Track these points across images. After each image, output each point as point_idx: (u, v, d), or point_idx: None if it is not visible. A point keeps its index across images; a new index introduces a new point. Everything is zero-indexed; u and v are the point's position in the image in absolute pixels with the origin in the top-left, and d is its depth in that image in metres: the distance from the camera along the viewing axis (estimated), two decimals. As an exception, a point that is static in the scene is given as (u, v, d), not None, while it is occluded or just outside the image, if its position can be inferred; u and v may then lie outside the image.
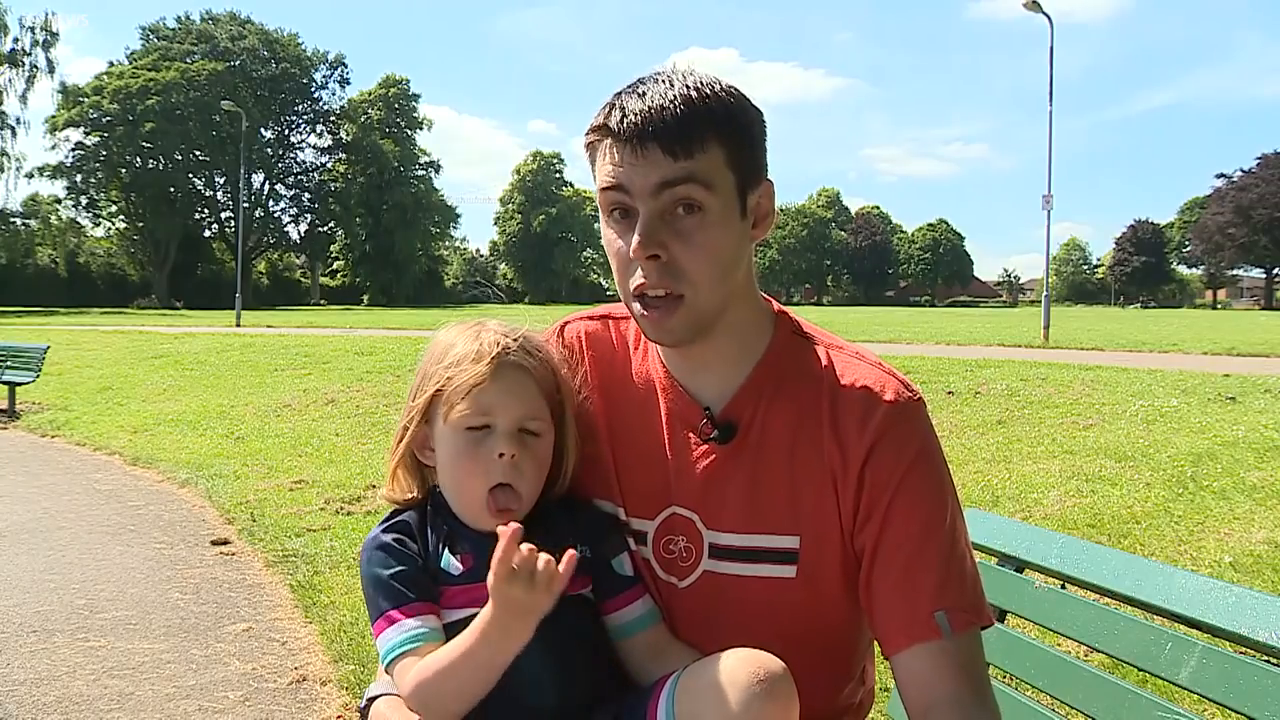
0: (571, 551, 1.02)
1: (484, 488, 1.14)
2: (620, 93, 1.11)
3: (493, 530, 1.09)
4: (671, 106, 1.06)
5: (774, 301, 1.25)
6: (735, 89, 1.12)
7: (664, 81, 1.09)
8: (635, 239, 1.07)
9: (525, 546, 1.00)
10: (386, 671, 1.12)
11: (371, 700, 1.17)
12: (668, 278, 1.09)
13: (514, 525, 1.01)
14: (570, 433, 1.21)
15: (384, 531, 1.18)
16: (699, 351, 1.18)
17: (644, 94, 1.08)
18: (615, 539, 1.22)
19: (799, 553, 1.15)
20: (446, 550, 1.15)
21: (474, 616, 1.07)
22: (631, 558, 1.22)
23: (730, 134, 1.09)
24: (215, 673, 3.38)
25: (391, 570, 1.13)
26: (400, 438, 1.22)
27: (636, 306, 1.12)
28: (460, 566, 1.14)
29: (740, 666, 0.99)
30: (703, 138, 1.06)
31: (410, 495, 1.23)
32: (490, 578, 1.01)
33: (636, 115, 1.06)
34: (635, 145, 1.06)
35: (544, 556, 1.00)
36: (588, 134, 1.14)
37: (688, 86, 1.08)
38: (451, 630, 1.10)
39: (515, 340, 1.19)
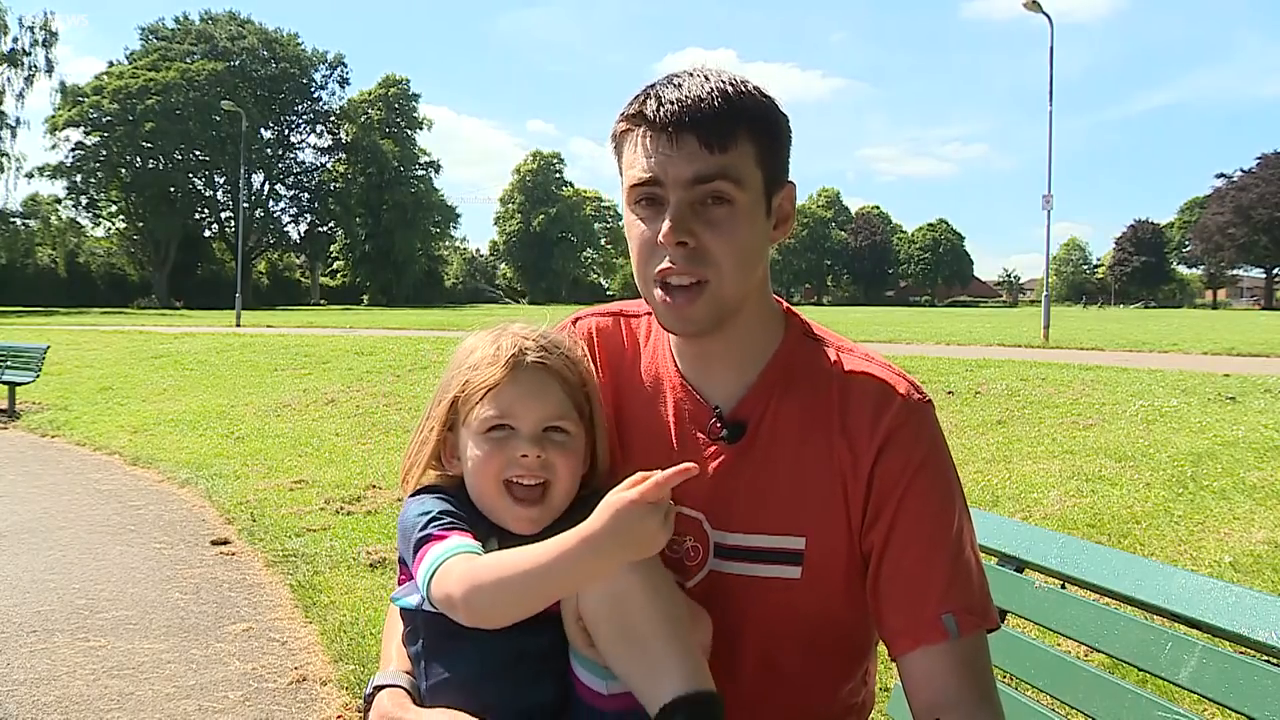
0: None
1: (499, 482, 1.13)
2: (654, 85, 1.11)
3: (518, 531, 1.11)
4: (709, 99, 1.07)
5: (784, 303, 1.25)
6: (766, 91, 1.13)
7: (699, 76, 1.10)
8: (666, 224, 1.07)
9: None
10: (428, 587, 1.06)
11: (377, 689, 1.17)
12: (694, 264, 1.09)
13: (690, 465, 1.00)
14: (601, 429, 1.20)
15: (428, 487, 1.19)
16: (710, 349, 1.19)
17: (680, 85, 1.09)
18: None
19: (805, 553, 1.15)
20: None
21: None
22: None
23: (761, 132, 1.10)
24: (215, 673, 3.38)
25: (442, 508, 1.12)
26: (421, 444, 1.20)
27: (658, 293, 1.12)
28: None
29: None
30: (737, 132, 1.07)
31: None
32: (630, 494, 0.98)
33: (674, 104, 1.07)
34: (672, 134, 1.07)
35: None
36: (619, 123, 1.13)
37: (724, 82, 1.09)
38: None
39: (534, 341, 1.17)
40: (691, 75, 1.11)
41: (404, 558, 1.15)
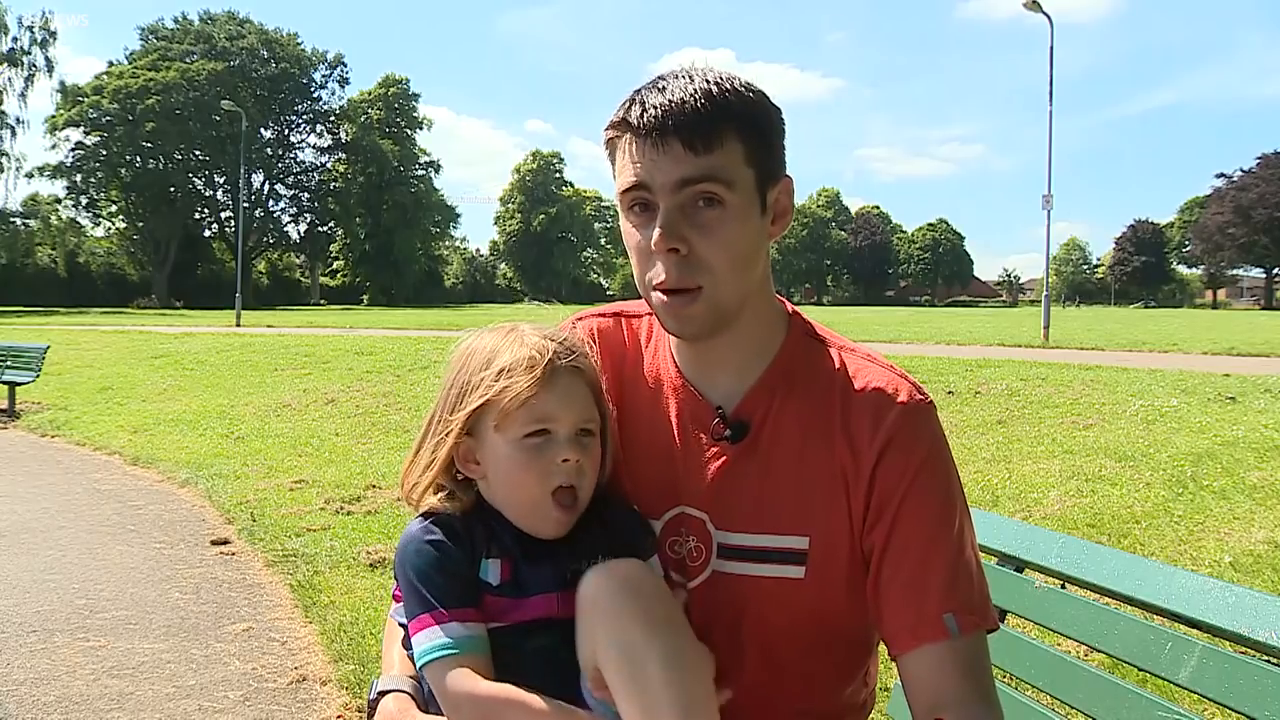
0: None
1: (546, 492, 1.11)
2: (640, 89, 1.11)
3: (548, 536, 1.10)
4: (692, 101, 1.06)
5: (787, 303, 1.25)
6: (754, 86, 1.12)
7: (684, 77, 1.09)
8: (656, 232, 1.07)
9: None
10: (419, 671, 1.09)
11: (381, 694, 1.17)
12: (687, 273, 1.08)
13: None
14: (611, 429, 1.20)
15: (430, 524, 1.13)
16: (713, 349, 1.18)
17: (664, 89, 1.08)
18: (648, 539, 1.19)
19: (808, 553, 1.15)
20: (484, 557, 1.12)
21: (507, 630, 1.08)
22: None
23: (750, 130, 1.09)
24: (215, 673, 3.38)
25: (439, 568, 1.09)
26: (434, 450, 1.16)
27: (656, 295, 1.12)
28: (499, 576, 1.11)
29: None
30: (722, 133, 1.07)
31: (449, 504, 1.17)
32: None
33: (657, 109, 1.06)
34: (656, 139, 1.06)
35: None
36: (607, 130, 1.13)
37: (708, 82, 1.08)
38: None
39: (560, 343, 1.15)
40: (676, 77, 1.10)
41: (401, 585, 1.13)
